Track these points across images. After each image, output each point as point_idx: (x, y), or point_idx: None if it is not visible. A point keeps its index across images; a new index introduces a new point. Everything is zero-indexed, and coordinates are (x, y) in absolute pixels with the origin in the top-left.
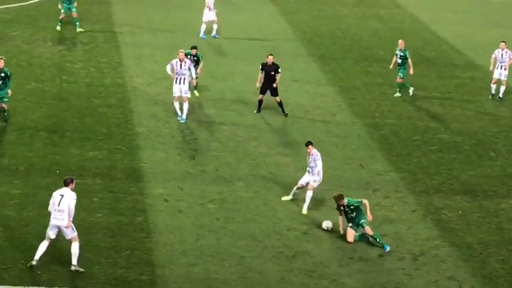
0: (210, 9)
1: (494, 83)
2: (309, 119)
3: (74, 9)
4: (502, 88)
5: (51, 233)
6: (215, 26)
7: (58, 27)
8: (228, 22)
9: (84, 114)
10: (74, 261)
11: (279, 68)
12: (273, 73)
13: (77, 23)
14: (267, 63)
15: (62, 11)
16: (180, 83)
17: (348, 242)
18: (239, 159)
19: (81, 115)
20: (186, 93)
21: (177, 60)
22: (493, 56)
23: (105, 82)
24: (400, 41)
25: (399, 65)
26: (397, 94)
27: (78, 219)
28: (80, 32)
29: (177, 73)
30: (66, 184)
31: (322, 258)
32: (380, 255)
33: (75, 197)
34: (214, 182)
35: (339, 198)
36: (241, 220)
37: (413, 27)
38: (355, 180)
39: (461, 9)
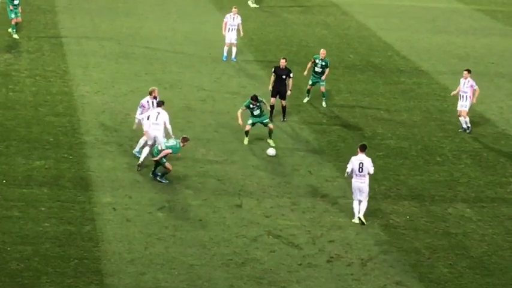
0: (230, 30)
1: (459, 116)
2: (257, 125)
3: (18, 14)
4: (462, 120)
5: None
6: (234, 50)
7: (15, 35)
8: (173, 30)
9: (31, 123)
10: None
11: (291, 72)
12: (284, 77)
13: (14, 30)
14: (279, 66)
15: (13, 16)
16: None
17: None
18: (187, 167)
19: (27, 124)
20: None
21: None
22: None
23: (51, 91)
24: (322, 50)
25: (317, 73)
26: (306, 99)
27: (26, 229)
28: (15, 38)
29: None
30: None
31: (271, 265)
32: (328, 261)
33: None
34: (162, 190)
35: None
36: (190, 228)
37: (360, 34)
38: (304, 186)
39: (407, 15)
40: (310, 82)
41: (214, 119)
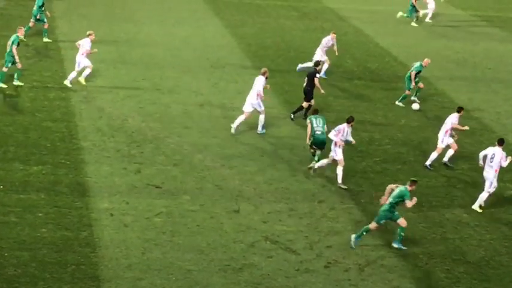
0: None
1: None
2: (253, 131)
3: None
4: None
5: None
6: (325, 66)
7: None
8: (172, 34)
9: (28, 128)
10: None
11: (317, 73)
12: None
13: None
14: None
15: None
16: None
17: None
18: (185, 173)
19: (25, 130)
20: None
21: None
22: None
23: (49, 96)
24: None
25: None
26: None
27: (23, 235)
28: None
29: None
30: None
31: (268, 271)
32: (326, 266)
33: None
34: (160, 196)
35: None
36: (188, 233)
37: (357, 39)
38: (301, 192)
39: (404, 20)
40: None
41: (211, 124)
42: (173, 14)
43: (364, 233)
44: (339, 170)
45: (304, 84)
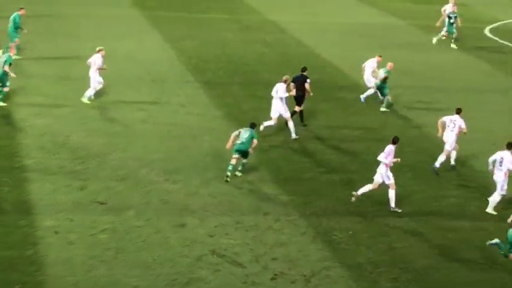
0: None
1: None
2: (197, 144)
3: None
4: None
5: None
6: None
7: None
8: (113, 49)
9: None
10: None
11: (307, 78)
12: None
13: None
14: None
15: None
16: None
17: None
18: (130, 188)
19: None
20: None
21: None
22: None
23: None
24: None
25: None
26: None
27: None
28: None
29: None
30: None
31: (215, 284)
32: (272, 279)
33: None
34: (105, 212)
35: None
36: (134, 249)
37: (299, 51)
38: (246, 204)
39: (345, 31)
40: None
41: (155, 138)
42: (114, 30)
43: None
44: (392, 194)
45: (294, 91)
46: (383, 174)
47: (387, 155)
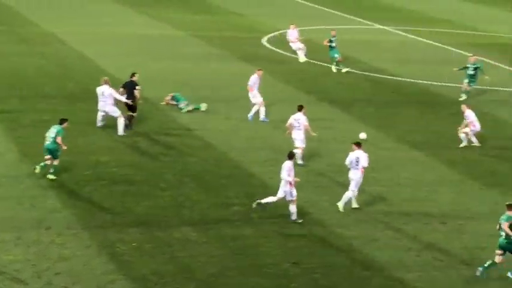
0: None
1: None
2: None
3: None
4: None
5: None
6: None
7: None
8: None
9: None
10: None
11: (136, 85)
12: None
13: None
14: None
15: None
16: None
17: None
18: None
19: None
20: None
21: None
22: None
23: None
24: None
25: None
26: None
27: None
28: None
29: None
30: None
31: None
32: None
33: None
34: None
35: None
36: None
37: (79, 62)
38: (28, 219)
39: (124, 43)
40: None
41: None
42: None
43: None
44: (293, 208)
45: (126, 96)
46: (287, 192)
47: (289, 172)
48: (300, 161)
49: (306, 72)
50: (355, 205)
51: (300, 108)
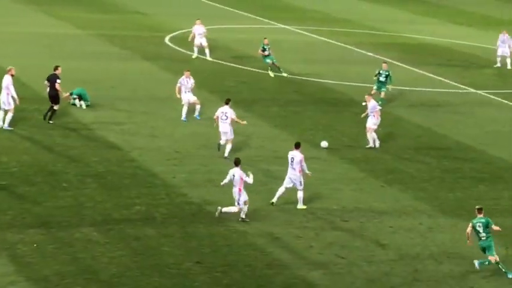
0: (185, 92)
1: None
2: None
3: None
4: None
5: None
6: (198, 107)
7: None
8: None
9: None
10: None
11: (57, 78)
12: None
13: None
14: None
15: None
16: None
17: None
18: None
19: None
20: None
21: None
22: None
23: None
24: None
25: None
26: None
27: None
28: None
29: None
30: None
31: None
32: None
33: None
34: None
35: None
36: None
37: None
38: None
39: (24, 41)
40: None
41: None
42: None
43: None
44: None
45: (48, 89)
46: (237, 198)
47: (242, 178)
48: (226, 154)
49: (209, 72)
50: (300, 206)
51: (227, 102)
